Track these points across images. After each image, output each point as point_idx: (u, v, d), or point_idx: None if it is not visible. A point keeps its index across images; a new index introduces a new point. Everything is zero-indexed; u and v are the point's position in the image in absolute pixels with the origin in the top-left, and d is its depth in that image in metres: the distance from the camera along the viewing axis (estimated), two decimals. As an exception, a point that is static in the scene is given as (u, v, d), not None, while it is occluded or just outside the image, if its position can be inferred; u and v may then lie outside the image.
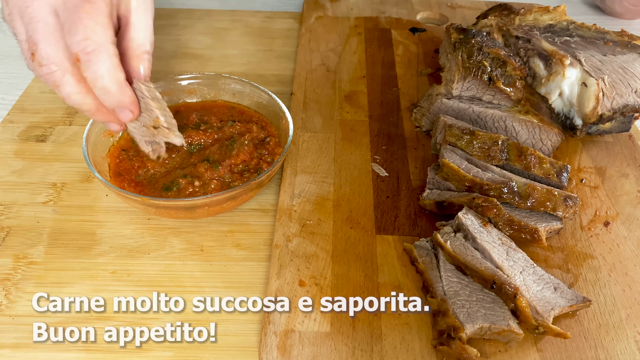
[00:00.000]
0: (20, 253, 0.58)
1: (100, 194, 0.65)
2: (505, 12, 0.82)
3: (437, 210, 0.62)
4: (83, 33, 0.47)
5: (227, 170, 0.61)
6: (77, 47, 0.47)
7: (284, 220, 0.61)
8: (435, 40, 0.95)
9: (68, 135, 0.73)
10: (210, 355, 0.51)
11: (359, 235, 0.60)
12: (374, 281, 0.55)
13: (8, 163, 0.69)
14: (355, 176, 0.67)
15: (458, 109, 0.70)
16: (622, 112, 0.69)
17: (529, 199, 0.59)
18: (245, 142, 0.63)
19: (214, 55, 0.91)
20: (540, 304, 0.51)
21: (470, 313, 0.50)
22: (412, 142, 0.73)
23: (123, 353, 0.50)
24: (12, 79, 0.85)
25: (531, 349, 0.50)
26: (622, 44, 0.74)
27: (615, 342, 0.51)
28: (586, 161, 0.72)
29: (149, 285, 0.56)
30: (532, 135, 0.69)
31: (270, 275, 0.55)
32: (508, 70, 0.68)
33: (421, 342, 0.50)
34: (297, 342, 0.50)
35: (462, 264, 0.54)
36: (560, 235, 0.61)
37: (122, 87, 0.50)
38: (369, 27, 0.97)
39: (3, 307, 0.53)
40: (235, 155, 0.62)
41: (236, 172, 0.61)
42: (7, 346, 0.50)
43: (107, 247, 0.59)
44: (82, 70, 0.48)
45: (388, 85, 0.83)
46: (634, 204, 0.66)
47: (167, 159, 0.63)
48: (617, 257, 0.59)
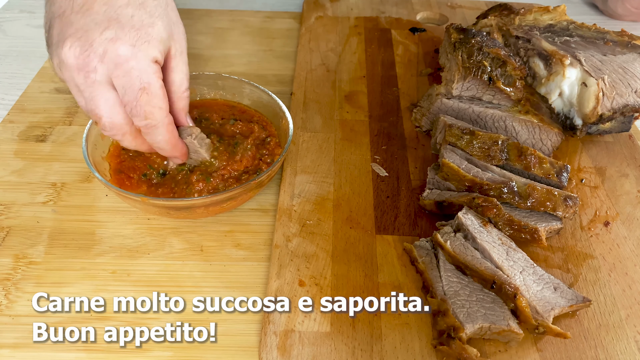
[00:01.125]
0: (20, 253, 0.58)
1: (100, 194, 0.65)
2: (505, 12, 0.82)
3: (437, 210, 0.62)
4: (143, 116, 0.53)
5: (220, 180, 0.60)
6: (139, 124, 0.53)
7: (284, 220, 0.61)
8: (435, 40, 0.95)
9: (68, 135, 0.73)
10: (210, 355, 0.51)
11: (359, 235, 0.60)
12: (374, 281, 0.55)
13: (8, 163, 0.69)
14: (355, 176, 0.67)
15: (458, 109, 0.70)
16: (622, 112, 0.69)
17: (529, 198, 0.59)
18: (248, 146, 0.63)
19: (214, 55, 0.91)
20: (540, 304, 0.51)
21: (470, 313, 0.50)
22: (412, 142, 0.73)
23: (123, 353, 0.50)
24: (12, 79, 0.85)
25: (531, 348, 0.50)
26: (622, 43, 0.74)
27: (615, 342, 0.51)
28: (586, 161, 0.72)
29: (149, 285, 0.56)
30: (532, 135, 0.69)
31: (270, 275, 0.55)
32: (508, 70, 0.68)
33: (421, 342, 0.50)
34: (297, 342, 0.50)
35: (462, 264, 0.54)
36: (560, 235, 0.61)
37: (175, 147, 0.57)
38: (369, 27, 0.97)
39: (3, 307, 0.53)
40: (238, 161, 0.62)
41: (233, 177, 0.61)
42: (7, 346, 0.50)
43: (107, 247, 0.59)
44: (143, 134, 0.55)
45: (388, 85, 0.83)
46: (634, 203, 0.66)
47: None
48: (617, 257, 0.59)
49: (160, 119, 0.54)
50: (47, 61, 0.87)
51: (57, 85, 0.82)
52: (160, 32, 0.53)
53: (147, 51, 0.51)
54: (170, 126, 0.55)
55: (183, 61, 0.57)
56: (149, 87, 0.51)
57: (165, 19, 0.54)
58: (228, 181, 0.60)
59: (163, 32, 0.53)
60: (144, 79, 0.51)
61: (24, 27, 0.98)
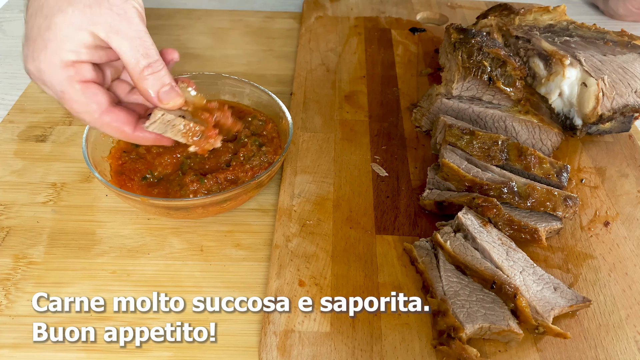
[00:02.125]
0: (20, 253, 0.58)
1: (100, 194, 0.65)
2: (505, 12, 0.82)
3: (437, 210, 0.62)
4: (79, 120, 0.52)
5: (214, 182, 0.60)
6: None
7: (284, 220, 0.61)
8: (435, 40, 0.95)
9: (68, 135, 0.73)
10: (210, 355, 0.51)
11: (359, 235, 0.60)
12: (374, 281, 0.55)
13: (8, 163, 0.69)
14: (355, 176, 0.67)
15: (458, 109, 0.70)
16: (622, 112, 0.69)
17: (529, 199, 0.59)
18: (265, 153, 0.62)
19: (214, 55, 0.91)
20: (540, 304, 0.51)
21: (470, 313, 0.50)
22: (412, 142, 0.73)
23: (123, 353, 0.50)
24: (12, 79, 0.85)
25: (531, 349, 0.50)
26: (622, 43, 0.74)
27: (615, 342, 0.51)
28: (586, 161, 0.72)
29: (149, 285, 0.56)
30: (532, 135, 0.69)
31: (270, 275, 0.55)
32: (508, 70, 0.68)
33: (421, 342, 0.50)
34: (297, 342, 0.50)
35: (462, 264, 0.54)
36: (560, 235, 0.61)
37: (131, 139, 0.53)
38: (369, 27, 0.97)
39: (3, 307, 0.53)
40: (249, 168, 0.62)
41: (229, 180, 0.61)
42: (7, 346, 0.50)
43: (107, 247, 0.59)
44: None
45: (388, 85, 0.83)
46: (634, 204, 0.66)
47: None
48: (617, 257, 0.59)
49: (90, 120, 0.51)
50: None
51: (57, 85, 0.82)
52: (61, 31, 0.48)
53: (47, 60, 0.48)
54: (110, 124, 0.52)
55: (126, 38, 0.49)
56: (64, 95, 0.49)
57: (67, 12, 0.48)
58: (223, 184, 0.60)
59: (66, 27, 0.48)
60: (57, 89, 0.49)
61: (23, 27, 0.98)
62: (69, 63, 0.49)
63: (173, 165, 0.62)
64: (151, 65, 0.50)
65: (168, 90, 0.52)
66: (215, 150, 0.64)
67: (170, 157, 0.62)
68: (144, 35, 0.50)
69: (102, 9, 0.48)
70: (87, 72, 0.50)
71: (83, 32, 0.48)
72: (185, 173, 0.60)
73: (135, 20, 0.50)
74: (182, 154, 0.63)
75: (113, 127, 0.52)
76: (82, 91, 0.50)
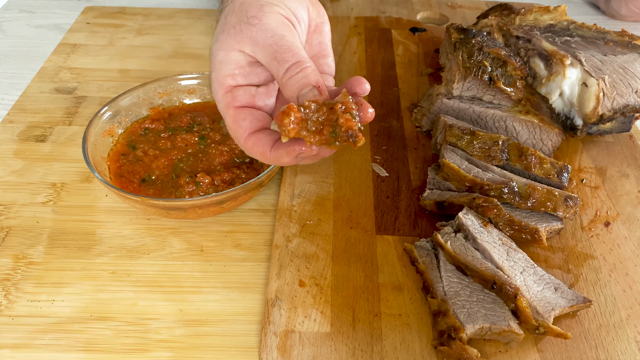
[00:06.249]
0: (20, 253, 0.58)
1: (100, 194, 0.65)
2: (506, 12, 0.82)
3: (437, 211, 0.62)
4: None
5: (209, 184, 0.60)
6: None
7: (284, 221, 0.61)
8: (435, 40, 0.94)
9: (68, 135, 0.73)
10: (210, 355, 0.50)
11: (359, 236, 0.60)
12: (374, 281, 0.55)
13: (8, 163, 0.69)
14: (355, 176, 0.67)
15: (458, 109, 0.70)
16: (622, 112, 0.69)
17: (530, 199, 0.59)
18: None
19: (214, 55, 0.91)
20: (541, 305, 0.51)
21: (471, 313, 0.50)
22: (412, 142, 0.73)
23: (123, 353, 0.50)
24: (12, 79, 0.85)
25: (531, 349, 0.50)
26: (622, 44, 0.74)
27: (616, 342, 0.51)
28: (586, 161, 0.72)
29: (149, 286, 0.56)
30: (533, 135, 0.68)
31: (270, 276, 0.55)
32: (508, 70, 0.68)
33: (421, 343, 0.50)
34: (297, 342, 0.50)
35: (462, 264, 0.54)
36: (561, 236, 0.61)
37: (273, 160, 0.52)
38: (369, 27, 0.97)
39: (3, 307, 0.53)
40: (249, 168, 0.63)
41: (226, 182, 0.61)
42: (7, 346, 0.50)
43: (107, 247, 0.59)
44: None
45: (388, 85, 0.83)
46: (635, 204, 0.66)
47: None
48: (618, 258, 0.59)
49: (238, 143, 0.53)
50: (47, 61, 0.87)
51: (56, 85, 0.82)
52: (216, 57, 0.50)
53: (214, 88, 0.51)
54: (252, 148, 0.52)
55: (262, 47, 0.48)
56: (223, 118, 0.53)
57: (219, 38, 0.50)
58: (220, 186, 0.60)
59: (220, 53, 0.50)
60: (221, 113, 0.53)
61: (24, 27, 0.98)
62: (229, 89, 0.50)
63: (170, 168, 0.63)
64: (289, 70, 0.47)
65: (306, 92, 0.47)
66: (212, 151, 0.64)
67: (166, 160, 0.63)
68: (279, 40, 0.48)
69: (243, 25, 0.49)
70: (243, 97, 0.51)
71: (233, 52, 0.49)
72: (179, 175, 0.61)
73: (271, 26, 0.48)
74: (176, 157, 0.63)
75: (255, 150, 0.52)
76: (234, 118, 0.51)
